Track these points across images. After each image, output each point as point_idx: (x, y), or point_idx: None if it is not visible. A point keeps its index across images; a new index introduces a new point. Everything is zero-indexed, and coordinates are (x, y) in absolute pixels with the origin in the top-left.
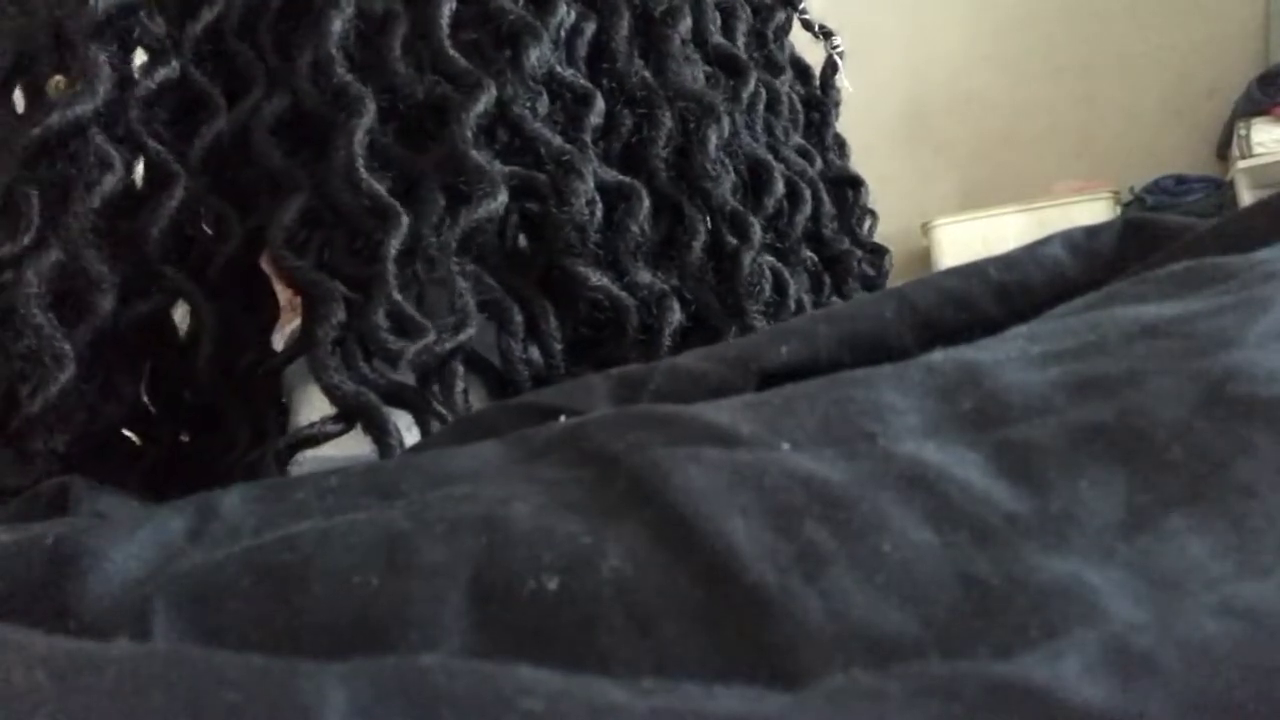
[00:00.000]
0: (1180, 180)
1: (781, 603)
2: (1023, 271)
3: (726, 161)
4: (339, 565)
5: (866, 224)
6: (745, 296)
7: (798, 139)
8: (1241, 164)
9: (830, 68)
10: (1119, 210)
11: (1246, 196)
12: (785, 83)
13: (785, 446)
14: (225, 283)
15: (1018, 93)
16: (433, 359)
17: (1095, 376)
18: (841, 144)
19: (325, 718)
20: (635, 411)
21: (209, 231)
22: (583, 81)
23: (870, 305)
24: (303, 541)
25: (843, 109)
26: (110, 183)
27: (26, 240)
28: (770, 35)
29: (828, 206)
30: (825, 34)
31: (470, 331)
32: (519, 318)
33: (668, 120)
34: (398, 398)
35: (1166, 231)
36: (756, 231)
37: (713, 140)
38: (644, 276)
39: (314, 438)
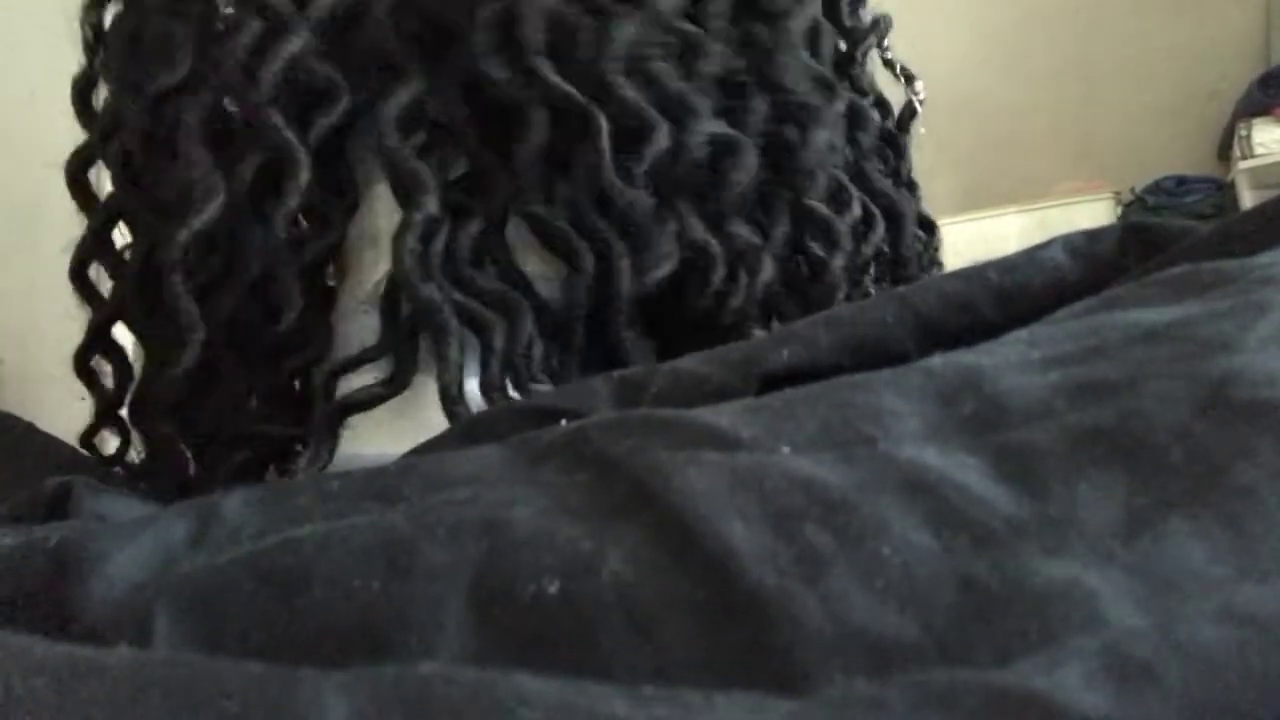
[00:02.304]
0: (1181, 181)
1: (781, 606)
2: (1023, 275)
3: (819, 170)
4: (340, 569)
5: (933, 271)
6: (823, 302)
7: (878, 167)
8: (1242, 165)
9: (910, 112)
10: (1120, 211)
11: (1247, 197)
12: (870, 108)
13: (785, 450)
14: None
15: (1019, 93)
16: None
17: (1095, 380)
18: (914, 186)
19: None
20: (636, 415)
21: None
22: (699, 30)
23: (870, 309)
24: (304, 545)
25: None
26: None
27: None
28: (859, 58)
29: (907, 234)
30: (908, 78)
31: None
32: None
33: (763, 110)
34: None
35: (1167, 235)
36: (845, 239)
37: (817, 141)
38: (742, 230)
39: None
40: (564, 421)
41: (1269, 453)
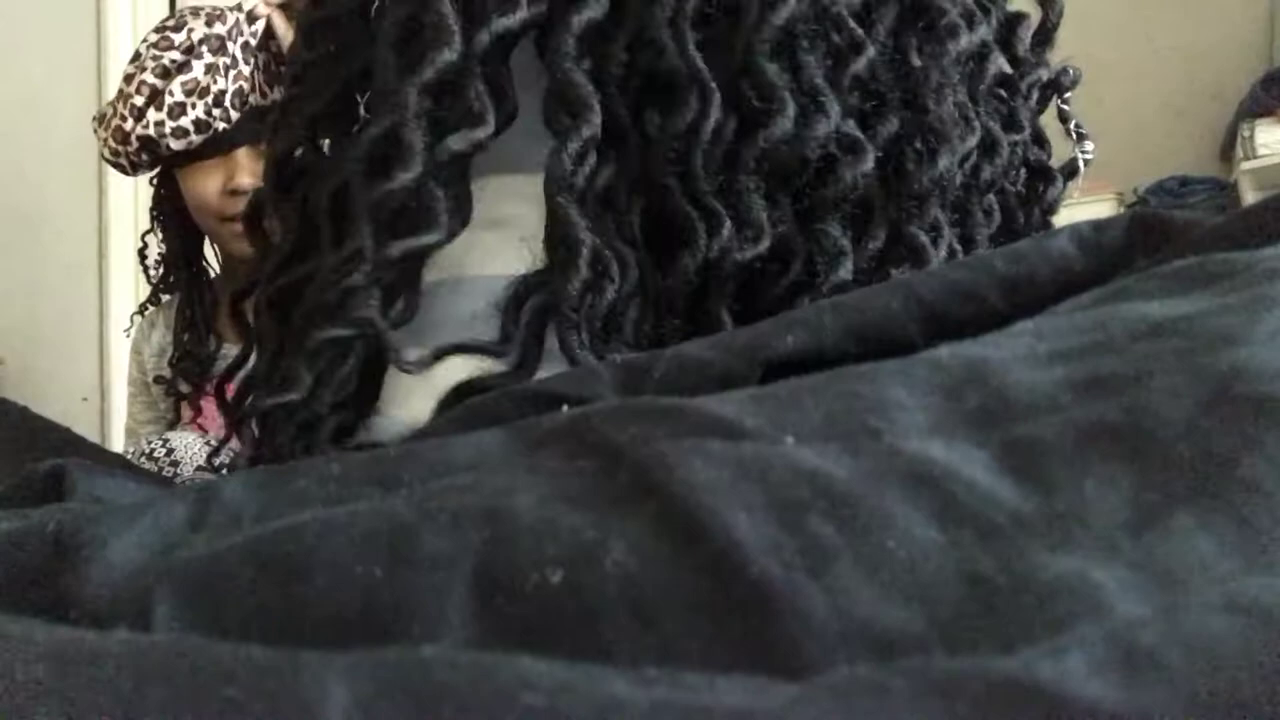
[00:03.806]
0: (1184, 182)
1: (786, 597)
2: (1029, 265)
3: (930, 196)
4: (341, 556)
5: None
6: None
7: (1001, 199)
8: (1245, 165)
9: (1072, 170)
10: (1122, 211)
11: (1250, 198)
12: (1020, 140)
13: (790, 440)
14: None
15: None
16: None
17: (1102, 375)
18: (1050, 227)
19: (327, 712)
20: (639, 403)
21: None
22: (860, 31)
23: (876, 296)
24: (305, 532)
25: None
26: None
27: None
28: (1023, 88)
29: None
30: (1080, 135)
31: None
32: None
33: (894, 124)
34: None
35: (1173, 227)
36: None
37: (939, 168)
38: (833, 229)
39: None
40: (565, 407)
41: (1275, 447)
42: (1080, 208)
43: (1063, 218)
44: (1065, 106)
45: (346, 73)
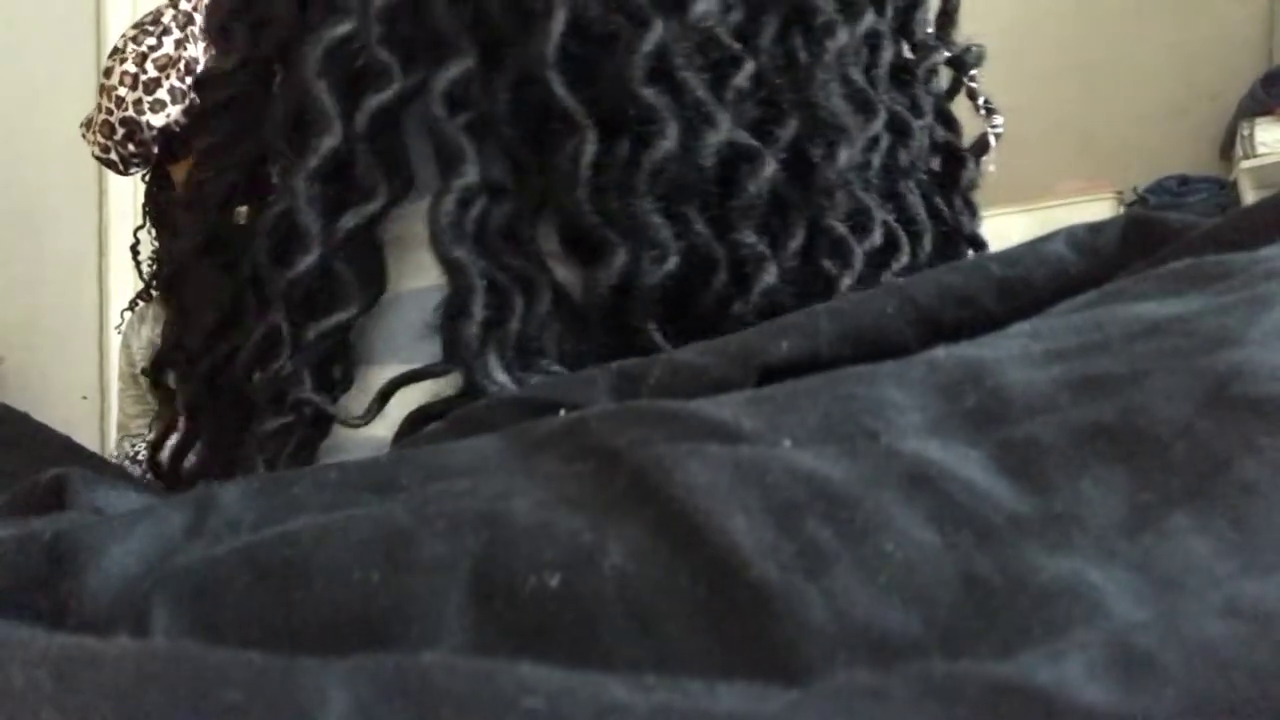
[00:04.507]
0: (1183, 180)
1: (784, 601)
2: (1025, 268)
3: (843, 190)
4: (339, 561)
5: None
6: None
7: (919, 183)
8: (1244, 164)
9: (982, 146)
10: (1122, 210)
11: (1250, 197)
12: (925, 125)
13: (787, 443)
14: None
15: (1020, 92)
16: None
17: (1098, 375)
18: (973, 208)
19: (326, 717)
20: (636, 407)
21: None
22: (738, 45)
23: (872, 300)
24: (302, 537)
25: None
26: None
27: None
28: (920, 75)
29: (924, 260)
30: (988, 110)
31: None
32: (629, 250)
33: (793, 126)
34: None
35: (1169, 229)
36: (859, 260)
37: (841, 161)
38: (748, 236)
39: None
40: (562, 412)
41: (1272, 448)
42: (1079, 207)
43: (1063, 216)
44: (973, 84)
45: (248, 157)
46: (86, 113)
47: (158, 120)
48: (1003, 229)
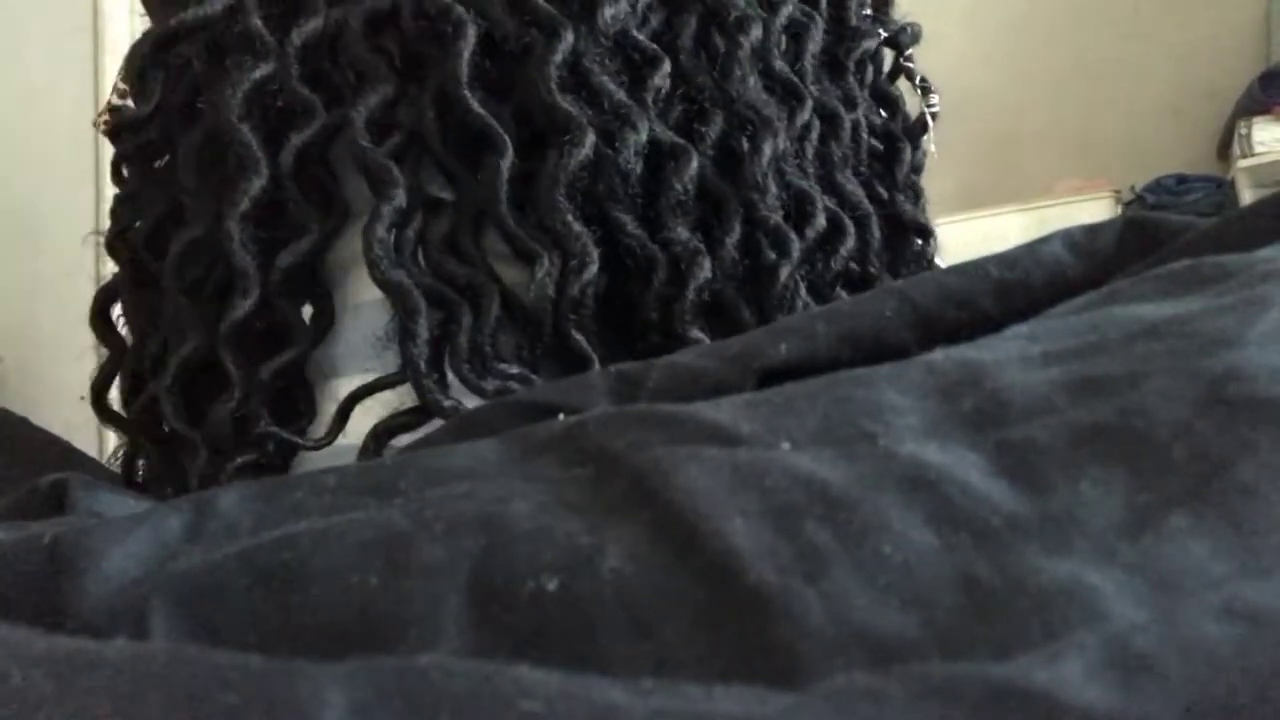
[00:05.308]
0: (1181, 179)
1: (782, 604)
2: (1023, 270)
3: (774, 179)
4: (337, 565)
5: None
6: (775, 310)
7: (858, 172)
8: (1242, 163)
9: (921, 126)
10: (1120, 209)
11: (1247, 196)
12: (858, 115)
13: (785, 446)
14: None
15: (1018, 92)
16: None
17: (1096, 376)
18: (917, 191)
19: (324, 719)
20: (635, 410)
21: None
22: (653, 46)
23: (870, 303)
24: (301, 541)
25: None
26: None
27: None
28: (850, 64)
29: (875, 246)
30: (924, 89)
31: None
32: (555, 259)
33: (719, 122)
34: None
35: (1167, 230)
36: (796, 249)
37: (766, 153)
38: (681, 233)
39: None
40: (560, 416)
41: (1270, 449)
42: (1077, 206)
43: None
44: (909, 64)
45: (164, 209)
46: (84, 112)
47: None
48: (1001, 228)
